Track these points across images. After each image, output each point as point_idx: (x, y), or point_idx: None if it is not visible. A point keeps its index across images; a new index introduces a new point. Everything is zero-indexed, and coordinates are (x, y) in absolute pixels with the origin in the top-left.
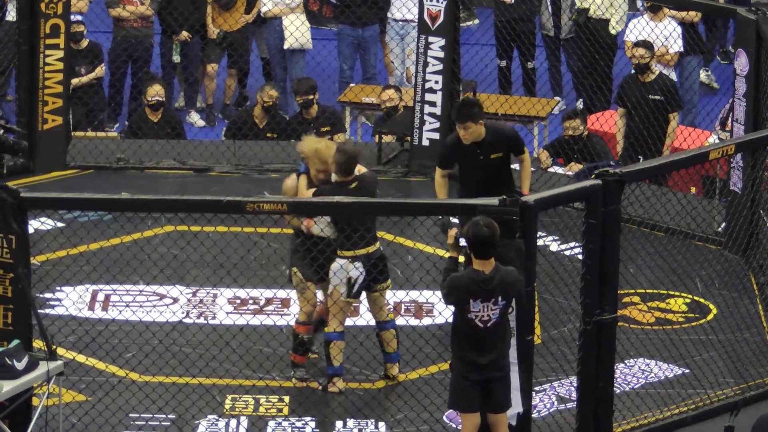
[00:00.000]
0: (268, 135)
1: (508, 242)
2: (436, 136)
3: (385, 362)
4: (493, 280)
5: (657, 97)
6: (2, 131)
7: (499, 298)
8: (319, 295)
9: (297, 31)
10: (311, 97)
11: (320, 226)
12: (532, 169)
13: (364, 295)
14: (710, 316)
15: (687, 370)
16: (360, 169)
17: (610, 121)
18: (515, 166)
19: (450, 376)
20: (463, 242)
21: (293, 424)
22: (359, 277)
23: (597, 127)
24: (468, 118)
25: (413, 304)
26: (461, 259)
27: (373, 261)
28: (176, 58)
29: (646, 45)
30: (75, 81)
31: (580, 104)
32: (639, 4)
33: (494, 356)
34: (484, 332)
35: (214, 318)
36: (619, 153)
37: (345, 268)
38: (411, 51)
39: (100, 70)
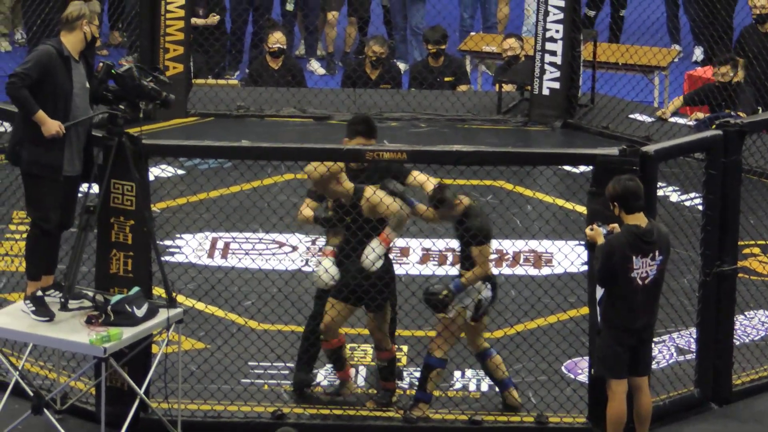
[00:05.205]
0: (382, 86)
1: None
2: (556, 85)
3: (501, 391)
4: (652, 232)
5: None
6: (150, 78)
7: (657, 253)
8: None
9: None
10: (443, 46)
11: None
12: (652, 119)
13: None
14: None
15: None
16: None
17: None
18: None
19: (599, 342)
20: (603, 230)
21: (411, 374)
22: (489, 297)
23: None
24: None
25: (532, 254)
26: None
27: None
28: (289, 7)
29: None
30: (192, 20)
31: (700, 54)
32: None
33: (647, 320)
34: (642, 291)
35: None
36: None
37: (477, 288)
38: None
39: (214, 18)
